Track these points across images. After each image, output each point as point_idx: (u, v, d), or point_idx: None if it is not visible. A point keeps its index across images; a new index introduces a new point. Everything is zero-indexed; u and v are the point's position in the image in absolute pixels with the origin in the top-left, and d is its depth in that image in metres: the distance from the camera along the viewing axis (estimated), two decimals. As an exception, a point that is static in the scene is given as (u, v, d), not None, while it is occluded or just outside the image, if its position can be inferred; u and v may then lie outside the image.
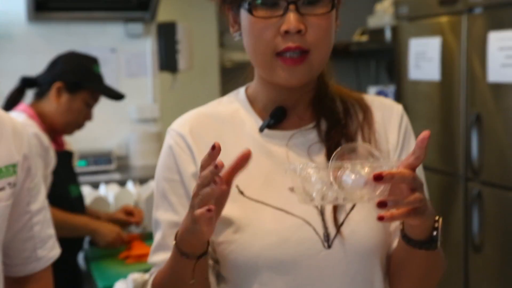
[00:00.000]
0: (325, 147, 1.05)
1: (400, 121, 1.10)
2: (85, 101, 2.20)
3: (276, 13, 0.97)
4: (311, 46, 0.98)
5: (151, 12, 3.45)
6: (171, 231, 1.02)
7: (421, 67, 3.05)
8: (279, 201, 1.01)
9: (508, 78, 2.47)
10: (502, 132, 2.54)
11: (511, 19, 2.47)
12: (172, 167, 1.05)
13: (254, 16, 0.98)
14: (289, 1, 0.96)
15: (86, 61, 2.25)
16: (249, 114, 1.08)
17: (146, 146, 3.45)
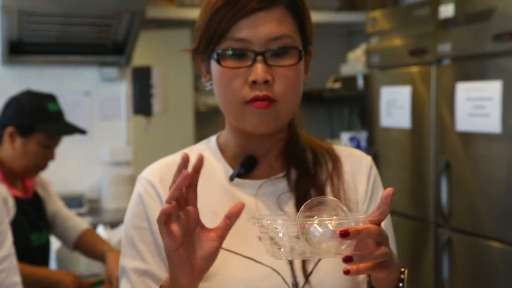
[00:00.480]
0: (294, 196, 1.06)
1: (369, 172, 1.12)
2: (41, 143, 2.12)
3: (244, 64, 0.99)
4: (278, 97, 1.00)
5: (126, 57, 3.48)
6: (139, 279, 1.02)
7: (392, 114, 3.11)
8: (247, 250, 1.01)
9: (475, 127, 2.54)
10: (471, 179, 2.59)
11: (478, 70, 2.55)
12: (141, 214, 1.05)
13: (222, 66, 1.00)
14: (257, 53, 0.98)
15: (40, 100, 2.16)
16: (219, 163, 1.08)
17: (119, 189, 3.42)
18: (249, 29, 0.98)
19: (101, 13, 3.20)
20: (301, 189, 1.06)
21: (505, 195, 2.41)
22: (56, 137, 2.19)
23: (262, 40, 0.98)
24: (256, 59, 0.98)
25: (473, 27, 2.57)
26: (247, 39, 0.98)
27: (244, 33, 0.98)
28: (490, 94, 2.45)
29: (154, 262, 1.03)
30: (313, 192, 1.06)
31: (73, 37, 3.40)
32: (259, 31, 0.98)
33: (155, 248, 1.03)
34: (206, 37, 1.01)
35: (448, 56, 2.73)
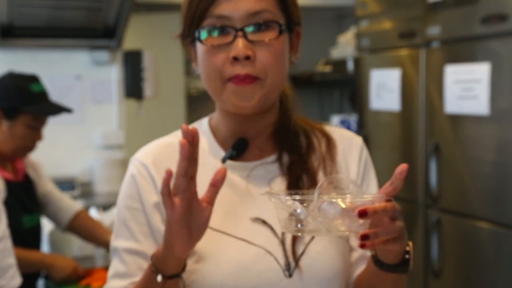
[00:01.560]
0: (286, 180, 1.06)
1: (360, 153, 1.13)
2: (28, 124, 2.12)
3: (225, 40, 0.99)
4: (261, 74, 0.99)
5: (117, 40, 3.47)
6: (131, 258, 1.03)
7: (382, 97, 3.14)
8: (240, 231, 1.02)
9: (464, 109, 2.57)
10: (460, 161, 2.62)
11: (467, 53, 2.57)
12: (134, 196, 1.05)
13: (203, 44, 1.00)
14: (237, 29, 0.98)
15: (23, 82, 2.15)
16: (211, 145, 1.09)
17: (111, 173, 3.44)
18: (228, 6, 0.98)
19: (91, -4, 3.19)
20: (293, 173, 1.06)
21: (494, 176, 2.44)
22: (42, 118, 2.18)
23: (242, 15, 0.98)
24: (237, 35, 0.98)
25: (461, 9, 2.59)
26: (227, 16, 0.98)
27: (224, 9, 0.98)
28: (479, 76, 2.48)
29: (147, 242, 1.04)
30: (305, 177, 1.06)
31: (63, 20, 3.38)
32: (239, 7, 0.98)
33: (148, 228, 1.04)
34: (188, 18, 1.02)
35: (437, 39, 2.75)
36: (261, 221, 1.03)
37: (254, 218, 1.03)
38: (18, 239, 2.00)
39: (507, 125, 2.36)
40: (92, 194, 3.41)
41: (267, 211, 1.02)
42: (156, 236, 1.03)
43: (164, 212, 0.89)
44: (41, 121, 2.19)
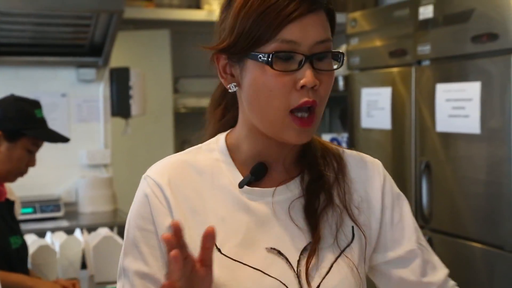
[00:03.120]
0: (304, 200, 1.03)
1: (383, 181, 1.11)
2: (27, 148, 2.13)
3: (292, 67, 0.96)
4: (319, 101, 0.98)
5: (104, 58, 3.43)
6: (140, 282, 1.00)
7: (373, 115, 3.11)
8: (256, 261, 0.99)
9: (455, 128, 2.54)
10: (451, 180, 2.59)
11: (457, 72, 2.55)
12: (147, 216, 1.01)
13: (274, 69, 0.95)
14: (306, 56, 0.96)
15: (27, 106, 2.17)
16: (229, 167, 1.05)
17: (96, 193, 3.37)
18: (300, 32, 0.95)
19: (78, 14, 3.15)
20: (310, 192, 1.04)
21: (485, 195, 2.41)
22: (40, 144, 2.19)
23: (311, 42, 0.96)
24: (305, 62, 0.96)
25: (452, 28, 2.57)
26: (297, 42, 0.95)
27: (296, 35, 0.95)
28: (470, 95, 2.46)
29: (157, 266, 1.00)
30: (322, 196, 1.04)
31: (49, 37, 3.34)
32: (309, 33, 0.96)
33: (159, 252, 1.00)
34: (248, 38, 0.96)
35: (427, 57, 2.73)
36: (277, 252, 1.00)
37: (269, 248, 1.00)
38: (6, 261, 1.98)
39: (498, 144, 2.34)
40: (76, 214, 3.35)
41: (284, 241, 1.00)
42: (166, 260, 0.99)
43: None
44: (39, 146, 2.20)
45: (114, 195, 3.45)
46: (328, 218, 1.04)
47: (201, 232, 0.96)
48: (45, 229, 2.80)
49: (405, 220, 1.10)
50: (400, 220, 1.10)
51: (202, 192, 1.01)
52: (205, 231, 0.86)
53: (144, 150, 4.16)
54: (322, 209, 1.03)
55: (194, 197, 1.01)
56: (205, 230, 0.87)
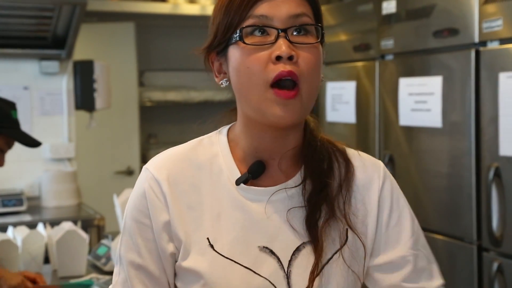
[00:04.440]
0: (306, 210, 1.01)
1: (381, 184, 1.07)
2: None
3: (268, 40, 0.97)
4: (301, 76, 0.96)
5: (67, 50, 3.37)
6: (134, 272, 1.02)
7: (337, 109, 3.14)
8: (247, 259, 0.99)
9: (417, 122, 2.59)
10: (414, 173, 2.63)
11: (419, 66, 2.60)
12: (143, 210, 1.02)
13: (245, 43, 0.96)
14: (280, 29, 0.96)
15: (5, 106, 2.19)
16: (228, 163, 1.04)
17: (60, 187, 3.32)
18: (270, 7, 0.97)
19: (40, 5, 3.10)
20: (312, 204, 1.01)
21: (447, 188, 2.46)
22: (11, 144, 2.20)
23: (284, 17, 0.97)
24: (279, 35, 0.96)
25: (414, 23, 2.62)
26: (268, 16, 0.97)
27: (266, 10, 0.97)
28: (432, 89, 2.50)
29: (151, 259, 1.02)
30: (324, 208, 1.01)
31: (11, 29, 3.28)
32: (280, 9, 0.97)
33: (153, 245, 1.01)
34: (224, 23, 0.99)
35: (391, 52, 2.77)
36: (269, 251, 1.00)
37: (262, 247, 1.00)
38: None
39: (459, 137, 2.39)
40: (39, 209, 3.29)
41: (277, 240, 1.00)
42: (160, 254, 1.02)
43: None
44: (10, 147, 2.21)
45: (78, 189, 3.40)
46: (328, 229, 1.01)
47: (196, 228, 0.97)
48: (7, 223, 2.75)
49: (402, 224, 1.07)
50: (397, 224, 1.07)
51: (199, 188, 1.01)
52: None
53: (109, 143, 4.11)
54: (324, 222, 1.01)
55: (192, 192, 1.02)
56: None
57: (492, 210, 2.24)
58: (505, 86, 2.18)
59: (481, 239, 2.31)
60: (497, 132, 2.22)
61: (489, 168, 2.24)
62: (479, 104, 2.31)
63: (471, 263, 2.34)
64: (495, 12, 2.24)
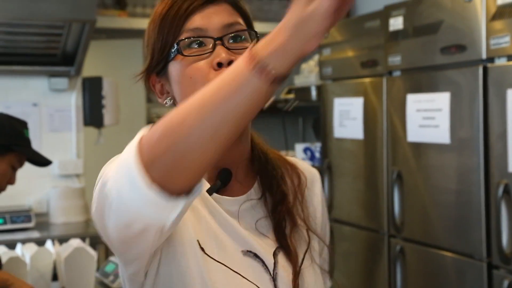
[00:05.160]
0: (271, 222, 1.06)
1: (321, 188, 1.17)
2: (11, 164, 2.18)
3: (206, 50, 0.99)
4: None
5: (77, 67, 3.40)
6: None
7: (345, 125, 3.13)
8: (234, 264, 0.99)
9: (425, 138, 2.58)
10: (422, 189, 2.62)
11: (427, 82, 2.59)
12: None
13: (184, 55, 0.98)
14: (215, 38, 0.99)
15: (18, 125, 2.25)
16: None
17: (68, 203, 3.33)
18: (203, 19, 1.00)
19: (50, 23, 3.13)
20: (277, 217, 1.06)
21: (456, 205, 2.45)
22: (23, 162, 2.25)
23: (218, 27, 0.99)
24: (216, 44, 0.99)
25: (421, 39, 2.62)
26: (203, 28, 0.99)
27: (199, 23, 0.99)
28: (439, 105, 2.50)
29: None
30: (287, 217, 1.06)
31: (21, 46, 3.31)
32: (213, 20, 1.00)
33: None
34: (160, 41, 1.01)
35: (398, 68, 2.77)
36: (253, 254, 1.01)
37: (246, 251, 1.01)
38: None
39: (468, 153, 2.38)
40: (48, 225, 3.30)
41: (256, 246, 1.01)
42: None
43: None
44: (22, 164, 2.26)
45: (86, 206, 3.41)
46: (295, 235, 1.07)
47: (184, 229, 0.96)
48: (16, 240, 2.76)
49: (327, 219, 1.18)
50: (326, 219, 1.17)
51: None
52: None
53: (117, 159, 4.12)
54: (290, 231, 1.06)
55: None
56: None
57: (502, 227, 2.22)
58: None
59: (491, 256, 2.29)
60: (505, 148, 2.21)
61: (498, 184, 2.23)
62: (487, 120, 2.30)
63: (481, 280, 2.32)
64: (502, 28, 2.24)
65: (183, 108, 0.78)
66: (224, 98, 0.76)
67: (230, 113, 0.76)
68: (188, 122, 0.77)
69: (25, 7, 2.97)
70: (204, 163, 0.79)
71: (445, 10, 2.49)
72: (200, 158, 0.78)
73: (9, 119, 2.25)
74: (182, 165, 0.78)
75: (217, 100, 0.76)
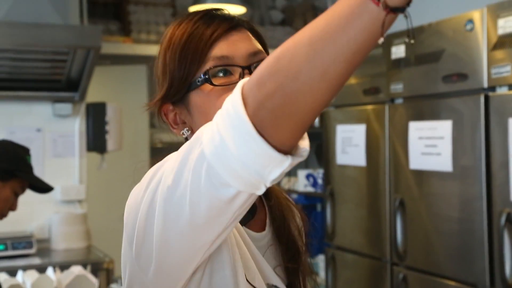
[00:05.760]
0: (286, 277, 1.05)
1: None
2: (14, 190, 2.20)
3: (233, 80, 0.95)
4: None
5: (81, 93, 3.43)
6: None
7: (347, 152, 3.14)
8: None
9: (427, 166, 2.58)
10: (425, 217, 2.61)
11: (429, 110, 2.60)
12: None
13: (214, 85, 0.94)
14: (243, 67, 0.95)
15: (21, 151, 2.27)
16: None
17: (70, 229, 3.33)
18: (228, 47, 0.96)
19: (55, 49, 3.15)
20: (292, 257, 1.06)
21: (459, 233, 2.44)
22: (25, 188, 2.27)
23: (244, 55, 0.96)
24: (244, 73, 0.95)
25: (423, 67, 2.63)
26: (229, 56, 0.95)
27: (225, 51, 0.95)
28: (441, 133, 2.50)
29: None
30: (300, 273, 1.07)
31: (26, 72, 3.33)
32: (239, 47, 0.96)
33: None
34: (181, 69, 0.96)
35: (400, 96, 2.78)
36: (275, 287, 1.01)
37: (271, 285, 1.00)
38: None
39: (470, 181, 2.37)
40: (49, 252, 3.29)
41: (280, 284, 1.01)
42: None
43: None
44: (24, 191, 2.27)
45: (88, 232, 3.40)
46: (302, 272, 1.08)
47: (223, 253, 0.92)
48: (17, 267, 2.75)
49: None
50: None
51: None
52: None
53: (120, 185, 4.13)
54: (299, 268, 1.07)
55: None
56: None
57: (505, 256, 2.21)
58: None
59: (494, 285, 2.27)
60: (508, 177, 2.21)
61: (501, 213, 2.22)
62: (489, 148, 2.30)
63: (485, 310, 2.30)
64: (503, 58, 2.25)
65: (291, 45, 0.70)
66: (336, 32, 0.67)
67: (342, 49, 0.67)
68: (297, 60, 0.68)
69: (30, 33, 3.00)
70: (315, 107, 0.70)
71: (447, 39, 2.51)
72: (311, 101, 0.70)
73: (12, 145, 2.27)
74: (292, 109, 0.70)
75: (328, 34, 0.67)
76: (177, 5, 4.43)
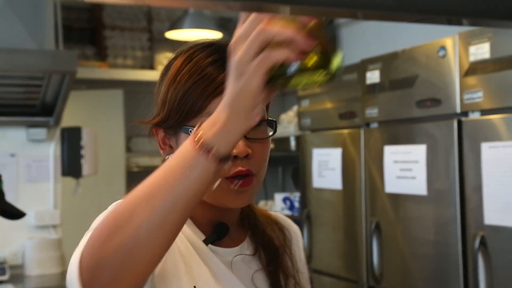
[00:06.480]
0: (266, 276, 1.07)
1: (302, 242, 1.21)
2: None
3: None
4: (256, 168, 0.99)
5: (56, 117, 3.40)
6: None
7: (324, 175, 3.16)
8: None
9: (403, 189, 2.61)
10: (401, 240, 2.63)
11: (404, 134, 2.64)
12: None
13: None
14: None
15: None
16: (191, 228, 1.05)
17: (44, 255, 3.27)
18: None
19: (30, 74, 3.13)
20: (273, 272, 1.08)
21: (434, 256, 2.46)
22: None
23: None
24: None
25: (398, 92, 2.68)
26: None
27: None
28: (416, 157, 2.54)
29: None
30: (280, 272, 1.09)
31: (0, 97, 3.30)
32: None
33: None
34: (178, 112, 0.98)
35: (375, 120, 2.82)
36: None
37: None
38: None
39: (444, 205, 2.41)
40: (22, 278, 3.22)
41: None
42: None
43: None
44: None
45: (62, 257, 3.35)
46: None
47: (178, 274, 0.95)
48: (-11, 294, 2.69)
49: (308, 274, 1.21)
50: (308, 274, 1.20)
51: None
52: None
53: (95, 210, 4.08)
54: (285, 285, 1.08)
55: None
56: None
57: (479, 279, 2.24)
58: (488, 156, 2.22)
59: (469, 308, 2.29)
60: (481, 200, 2.24)
61: (475, 236, 2.25)
62: (463, 172, 2.34)
63: (461, 333, 2.32)
64: (475, 84, 2.30)
65: (129, 203, 0.76)
66: (173, 184, 0.75)
67: (179, 198, 0.74)
68: (137, 216, 0.74)
69: (5, 59, 2.98)
70: (153, 259, 0.76)
71: (420, 65, 2.56)
72: (148, 255, 0.75)
73: None
74: (131, 264, 0.75)
75: (165, 186, 0.75)
76: (154, 30, 4.44)
